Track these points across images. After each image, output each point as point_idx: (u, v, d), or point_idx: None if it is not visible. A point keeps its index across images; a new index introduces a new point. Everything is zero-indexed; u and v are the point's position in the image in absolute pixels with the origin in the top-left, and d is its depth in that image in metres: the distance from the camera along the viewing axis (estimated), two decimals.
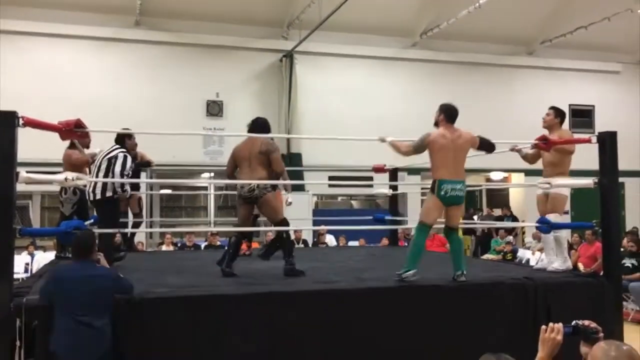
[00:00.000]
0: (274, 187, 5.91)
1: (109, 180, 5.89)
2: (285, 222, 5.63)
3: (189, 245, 11.57)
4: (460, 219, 5.35)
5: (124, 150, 6.16)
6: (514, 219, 15.04)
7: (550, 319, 4.53)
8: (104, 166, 6.02)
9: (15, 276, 4.57)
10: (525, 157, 6.17)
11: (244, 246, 7.00)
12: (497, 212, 16.59)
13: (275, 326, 4.34)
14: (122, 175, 5.96)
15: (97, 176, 5.98)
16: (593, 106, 17.26)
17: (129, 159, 6.12)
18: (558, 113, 6.02)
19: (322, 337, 4.42)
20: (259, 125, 5.91)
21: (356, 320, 4.52)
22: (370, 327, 4.54)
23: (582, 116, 17.14)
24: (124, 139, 6.28)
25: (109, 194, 5.94)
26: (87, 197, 6.21)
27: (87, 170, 6.80)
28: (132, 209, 7.73)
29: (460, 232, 5.33)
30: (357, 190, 15.18)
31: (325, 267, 6.41)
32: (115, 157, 6.02)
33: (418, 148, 5.28)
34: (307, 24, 13.66)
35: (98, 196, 5.96)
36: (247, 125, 6.01)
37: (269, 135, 5.91)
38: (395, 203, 9.34)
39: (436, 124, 5.32)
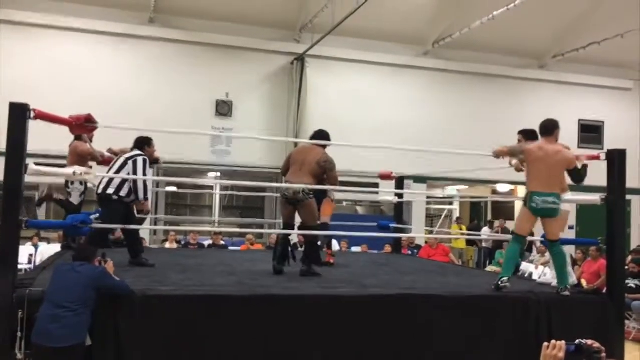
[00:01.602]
0: (322, 194, 6.33)
1: (115, 176, 5.90)
2: (325, 228, 6.10)
3: (193, 243, 11.59)
4: (558, 231, 5.28)
5: (143, 154, 6.11)
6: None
7: (552, 334, 4.53)
8: (120, 163, 6.01)
9: (18, 267, 4.58)
10: (517, 167, 6.07)
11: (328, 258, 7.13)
12: (511, 224, 16.46)
13: (275, 329, 4.34)
14: (143, 182, 5.94)
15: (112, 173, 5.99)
16: (602, 122, 17.22)
17: (148, 163, 6.09)
18: (526, 135, 5.73)
19: (322, 343, 4.41)
20: (322, 138, 6.19)
21: (356, 327, 4.51)
22: (370, 335, 4.52)
23: (591, 132, 17.10)
24: (144, 145, 6.25)
25: (109, 190, 5.91)
26: (99, 192, 6.21)
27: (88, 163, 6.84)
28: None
29: (559, 245, 5.29)
30: (362, 196, 15.18)
31: (328, 272, 6.40)
32: (135, 160, 5.98)
33: (514, 152, 5.54)
34: (320, 28, 13.69)
35: (100, 190, 5.97)
36: (313, 132, 6.40)
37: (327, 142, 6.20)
38: (400, 211, 9.33)
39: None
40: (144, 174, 5.98)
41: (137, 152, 6.15)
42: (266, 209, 15.71)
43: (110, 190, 5.93)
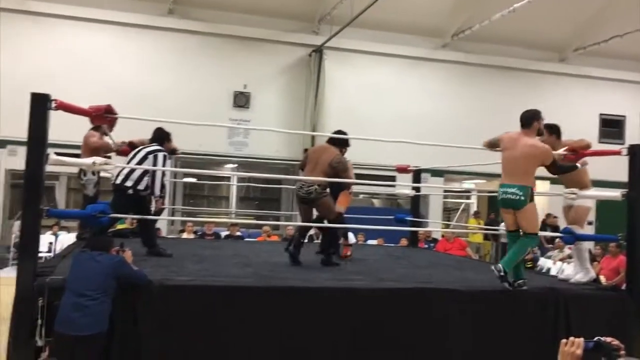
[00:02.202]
0: (340, 188, 6.41)
1: (132, 167, 5.93)
2: (340, 218, 6.16)
3: (209, 233, 11.66)
4: (529, 224, 5.04)
5: (163, 150, 6.13)
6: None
7: (570, 331, 4.50)
8: (141, 157, 6.04)
9: (39, 255, 4.64)
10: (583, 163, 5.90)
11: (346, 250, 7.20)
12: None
13: (291, 321, 4.35)
14: (162, 179, 6.00)
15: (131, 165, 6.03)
16: (624, 117, 16.98)
17: (168, 162, 6.16)
18: (551, 130, 5.60)
19: (338, 335, 4.42)
20: (339, 139, 6.28)
21: (372, 320, 4.51)
22: (386, 328, 4.52)
23: (613, 126, 16.88)
24: (163, 140, 6.28)
25: (128, 183, 5.93)
26: (114, 181, 6.25)
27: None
28: None
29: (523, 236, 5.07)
30: (379, 189, 15.15)
31: (344, 264, 6.41)
32: (156, 156, 6.00)
33: (492, 143, 5.44)
34: (339, 19, 13.63)
35: (118, 181, 6.00)
36: (334, 132, 6.53)
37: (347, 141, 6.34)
38: (417, 204, 9.29)
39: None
40: (163, 171, 6.02)
41: (157, 146, 6.17)
42: (283, 201, 15.74)
43: (129, 183, 5.96)
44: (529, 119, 5.11)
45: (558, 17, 15.02)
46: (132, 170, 5.96)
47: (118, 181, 6.03)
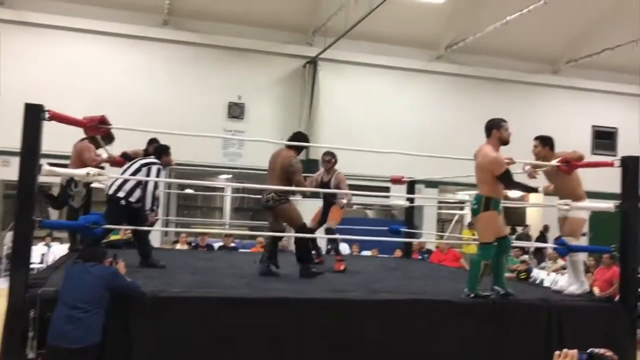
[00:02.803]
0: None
1: (125, 177, 5.92)
2: (305, 228, 5.87)
3: (202, 245, 11.61)
4: (484, 232, 5.07)
5: (159, 163, 6.12)
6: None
7: (563, 342, 4.50)
8: (135, 168, 6.03)
9: (30, 267, 4.61)
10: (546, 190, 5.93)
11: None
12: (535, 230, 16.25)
13: (285, 332, 4.33)
14: (153, 193, 5.97)
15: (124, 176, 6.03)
16: (616, 128, 17.09)
17: (163, 173, 6.12)
18: (545, 141, 5.66)
19: (331, 346, 4.40)
20: (292, 140, 6.03)
21: (366, 332, 4.49)
22: (380, 339, 4.51)
23: (605, 138, 16.98)
24: (161, 154, 6.26)
25: (120, 194, 5.92)
26: (106, 191, 6.24)
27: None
28: None
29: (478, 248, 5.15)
30: (373, 200, 15.15)
31: (338, 276, 6.40)
32: (150, 169, 5.99)
33: None
34: (333, 31, 13.70)
35: (110, 192, 6.00)
36: (293, 133, 6.24)
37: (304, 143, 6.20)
38: (411, 215, 9.29)
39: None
40: (156, 184, 6.01)
41: (152, 159, 6.17)
42: None
43: (121, 194, 5.95)
44: (488, 129, 5.18)
45: (550, 30, 15.15)
46: (125, 181, 5.94)
47: (111, 191, 6.01)
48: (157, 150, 6.31)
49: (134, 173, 6.00)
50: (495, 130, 5.13)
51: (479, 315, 4.81)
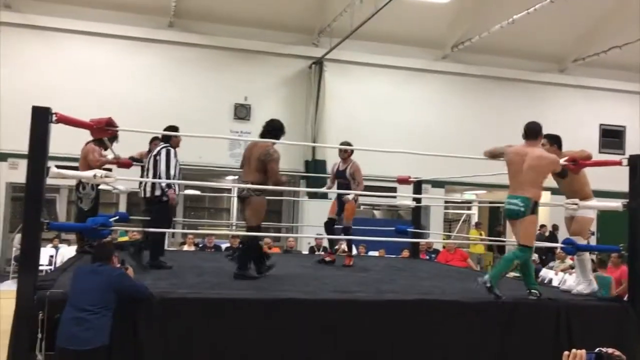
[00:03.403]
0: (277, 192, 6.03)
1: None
2: (257, 230, 5.69)
3: (209, 246, 11.64)
4: (526, 236, 5.07)
5: (167, 145, 6.19)
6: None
7: (572, 342, 4.48)
8: (151, 165, 6.13)
9: (39, 269, 4.63)
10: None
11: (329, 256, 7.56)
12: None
13: (292, 332, 4.33)
14: (167, 173, 6.01)
15: (147, 175, 6.07)
16: (624, 127, 17.00)
17: (172, 153, 6.14)
18: (552, 140, 5.59)
19: (338, 347, 4.40)
20: (270, 130, 5.89)
21: (373, 332, 4.49)
22: (387, 340, 4.50)
23: (613, 136, 16.89)
24: (168, 138, 6.30)
25: (157, 192, 6.02)
26: (140, 195, 6.30)
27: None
28: None
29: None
30: (380, 200, 15.14)
31: (345, 276, 6.40)
32: (159, 153, 6.10)
33: (494, 154, 5.47)
34: (338, 32, 13.69)
35: (148, 194, 6.06)
36: (265, 123, 6.03)
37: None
38: (418, 215, 9.27)
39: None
40: (168, 164, 6.03)
41: (161, 144, 6.23)
42: (283, 213, 15.73)
43: (158, 192, 6.02)
44: (537, 132, 5.20)
45: (557, 29, 15.08)
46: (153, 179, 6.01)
47: (149, 194, 6.06)
48: (165, 135, 6.31)
49: (156, 156, 6.08)
50: (540, 134, 5.23)
51: (487, 315, 4.79)
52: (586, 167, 5.55)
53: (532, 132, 5.20)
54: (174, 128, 6.35)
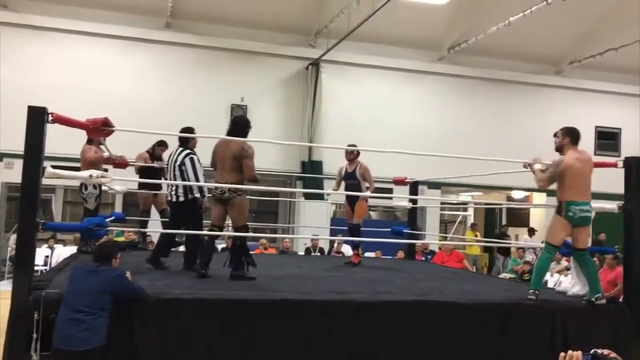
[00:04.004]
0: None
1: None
2: (245, 230, 5.66)
3: None
4: (587, 239, 5.27)
5: (188, 151, 6.16)
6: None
7: (568, 343, 4.48)
8: (178, 173, 6.07)
9: (34, 269, 4.62)
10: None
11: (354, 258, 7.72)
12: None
13: (288, 333, 4.33)
14: (197, 181, 6.00)
15: (174, 180, 6.04)
16: (620, 129, 17.06)
17: (195, 159, 6.14)
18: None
19: (335, 348, 4.40)
20: (238, 127, 5.81)
21: (370, 333, 4.49)
22: (383, 341, 4.50)
23: (608, 139, 16.94)
24: (187, 139, 6.28)
25: (190, 196, 6.02)
26: (168, 199, 6.30)
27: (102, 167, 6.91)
28: (160, 205, 7.87)
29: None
30: (376, 202, 15.15)
31: (341, 277, 6.40)
32: (183, 163, 6.05)
33: (554, 178, 5.20)
34: (335, 33, 13.70)
35: (181, 198, 6.01)
36: (230, 121, 5.97)
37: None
38: (414, 216, 9.28)
39: (559, 149, 5.25)
40: (196, 173, 6.03)
41: (180, 149, 6.20)
42: (280, 213, 15.73)
43: (191, 196, 6.03)
44: (579, 136, 5.28)
45: (553, 31, 15.12)
46: (180, 181, 6.02)
47: (182, 198, 6.03)
48: (183, 138, 6.27)
49: (180, 166, 6.04)
50: None
51: (483, 316, 4.80)
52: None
53: (577, 137, 5.25)
54: (189, 130, 6.31)
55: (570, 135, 5.26)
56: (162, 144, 7.91)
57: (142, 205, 8.16)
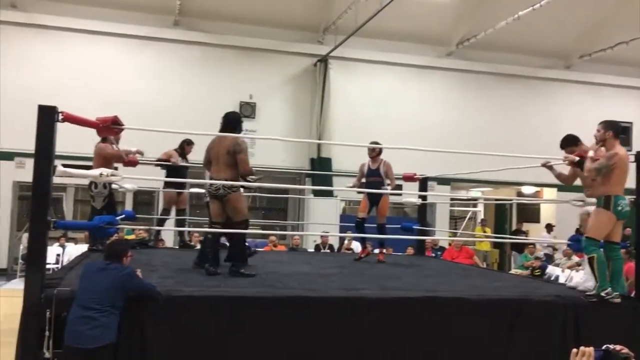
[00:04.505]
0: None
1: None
2: (245, 225, 5.62)
3: None
4: (621, 234, 5.20)
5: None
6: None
7: (580, 339, 4.46)
8: None
9: (46, 267, 4.65)
10: (559, 177, 5.94)
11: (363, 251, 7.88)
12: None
13: (298, 330, 4.34)
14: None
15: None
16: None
17: None
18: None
19: (345, 344, 4.40)
20: (229, 123, 5.79)
21: (379, 329, 4.48)
22: (393, 337, 4.50)
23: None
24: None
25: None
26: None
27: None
28: (180, 204, 7.94)
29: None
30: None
31: (352, 273, 6.40)
32: None
33: (602, 170, 5.09)
34: (343, 29, 13.68)
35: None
36: (221, 118, 5.90)
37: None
38: (423, 212, 9.26)
39: (602, 142, 5.23)
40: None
41: None
42: (289, 210, 15.74)
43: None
44: None
45: (563, 24, 15.02)
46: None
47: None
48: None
49: None
50: None
51: (494, 312, 4.79)
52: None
53: (620, 129, 5.26)
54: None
55: (613, 128, 5.21)
56: (190, 143, 7.99)
57: (165, 203, 8.25)
